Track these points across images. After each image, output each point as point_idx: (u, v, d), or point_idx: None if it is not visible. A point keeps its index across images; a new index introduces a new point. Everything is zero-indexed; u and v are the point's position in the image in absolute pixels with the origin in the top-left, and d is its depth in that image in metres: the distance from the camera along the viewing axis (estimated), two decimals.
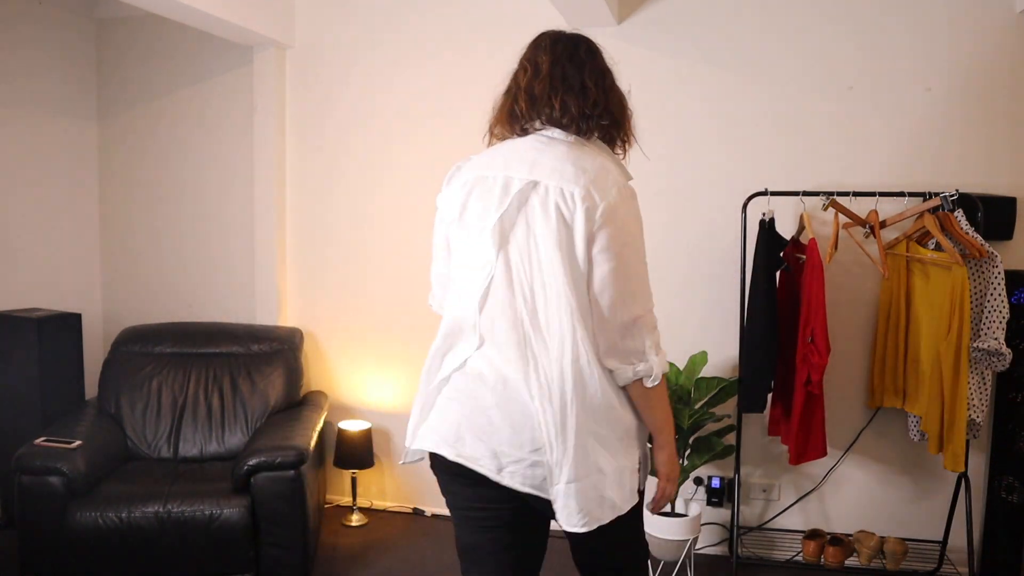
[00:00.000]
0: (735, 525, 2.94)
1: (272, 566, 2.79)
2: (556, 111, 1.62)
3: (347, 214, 3.63)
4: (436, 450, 1.64)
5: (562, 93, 1.63)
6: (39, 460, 2.70)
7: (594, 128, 1.66)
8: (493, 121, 1.75)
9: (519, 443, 1.54)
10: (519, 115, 1.67)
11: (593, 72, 1.67)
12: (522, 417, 1.55)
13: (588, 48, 1.71)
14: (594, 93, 1.65)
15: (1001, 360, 2.48)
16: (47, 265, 3.74)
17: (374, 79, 3.54)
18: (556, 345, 1.54)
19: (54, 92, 3.75)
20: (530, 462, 1.54)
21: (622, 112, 1.72)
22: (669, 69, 3.14)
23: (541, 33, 1.79)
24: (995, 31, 2.86)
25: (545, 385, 1.53)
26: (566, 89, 1.63)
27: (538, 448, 1.53)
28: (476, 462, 1.57)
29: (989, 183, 2.89)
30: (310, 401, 3.45)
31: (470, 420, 1.59)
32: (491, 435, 1.56)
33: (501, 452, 1.55)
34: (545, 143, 1.62)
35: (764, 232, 2.83)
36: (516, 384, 1.55)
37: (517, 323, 1.56)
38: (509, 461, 1.55)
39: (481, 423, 1.57)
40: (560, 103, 1.62)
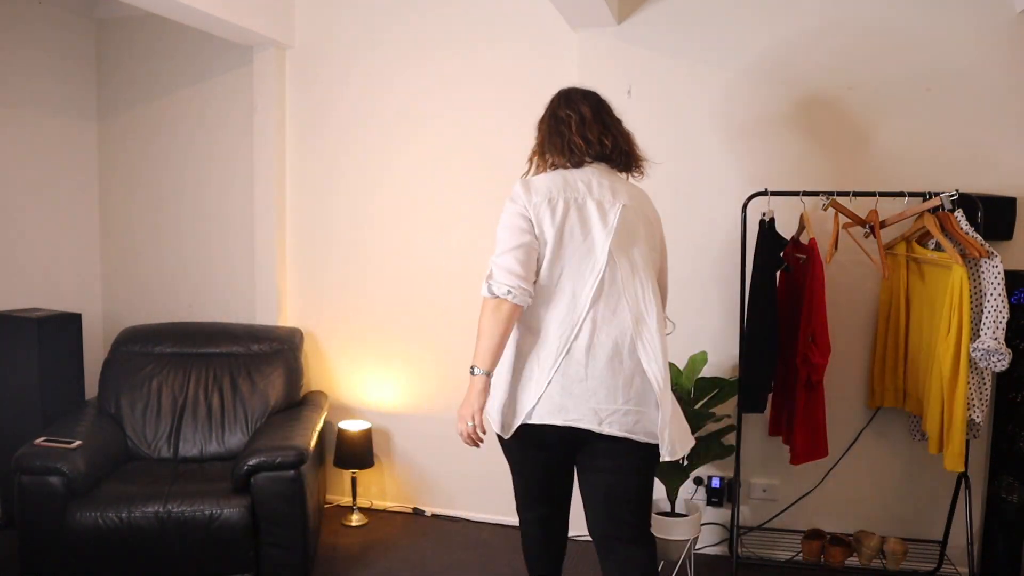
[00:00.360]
0: (735, 525, 2.94)
1: (272, 566, 2.79)
2: (607, 148, 2.18)
3: (347, 214, 3.64)
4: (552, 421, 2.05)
5: (608, 135, 2.19)
6: (39, 460, 2.70)
7: (625, 161, 2.24)
8: (547, 153, 2.21)
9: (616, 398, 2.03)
10: (576, 151, 2.16)
11: (616, 121, 2.25)
12: (624, 378, 2.04)
13: (605, 101, 2.27)
14: (623, 136, 2.24)
15: (1001, 360, 2.48)
16: (47, 265, 3.74)
17: (374, 79, 3.54)
18: (654, 321, 2.07)
19: (54, 92, 3.75)
20: (624, 411, 2.03)
21: (634, 148, 2.29)
22: (669, 69, 3.14)
23: (565, 89, 2.28)
24: (995, 31, 2.86)
25: (650, 350, 2.04)
26: (607, 132, 2.19)
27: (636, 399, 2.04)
28: (579, 422, 2.03)
29: (989, 183, 2.89)
30: (310, 401, 3.45)
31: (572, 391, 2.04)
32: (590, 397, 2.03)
33: (600, 409, 2.03)
34: (605, 173, 2.18)
35: (764, 232, 2.83)
36: (629, 352, 2.04)
37: (628, 307, 2.05)
38: (607, 414, 2.03)
39: (580, 391, 2.03)
40: (611, 142, 2.18)
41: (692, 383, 2.89)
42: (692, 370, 2.91)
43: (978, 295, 2.57)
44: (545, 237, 2.05)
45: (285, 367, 3.40)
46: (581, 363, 2.03)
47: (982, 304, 2.54)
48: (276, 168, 3.64)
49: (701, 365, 2.92)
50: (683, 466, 2.87)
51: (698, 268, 3.18)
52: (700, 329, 3.18)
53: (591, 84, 3.19)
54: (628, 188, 2.21)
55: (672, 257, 3.19)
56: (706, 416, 2.86)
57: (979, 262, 2.56)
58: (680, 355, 3.02)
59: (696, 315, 3.19)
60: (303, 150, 3.68)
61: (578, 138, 2.16)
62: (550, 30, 3.28)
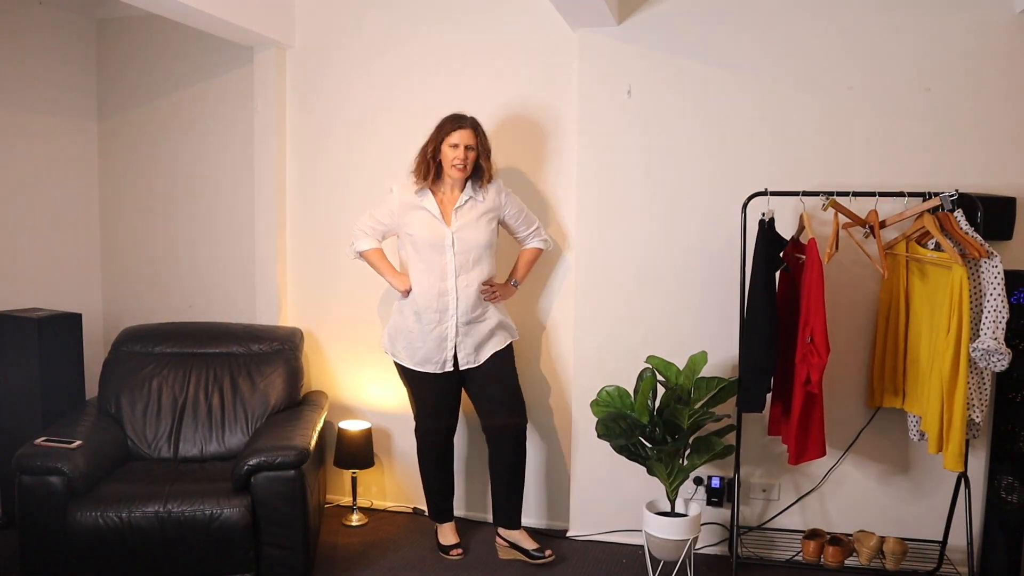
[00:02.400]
0: (735, 525, 2.94)
1: (272, 566, 2.79)
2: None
3: (347, 214, 3.63)
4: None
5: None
6: (39, 460, 2.70)
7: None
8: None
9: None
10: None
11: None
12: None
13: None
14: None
15: (1001, 360, 2.48)
16: (47, 265, 3.74)
17: (374, 79, 3.54)
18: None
19: (54, 92, 3.75)
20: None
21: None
22: (669, 69, 3.14)
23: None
24: (995, 31, 2.86)
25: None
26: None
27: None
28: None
29: (989, 183, 2.89)
30: (310, 401, 3.45)
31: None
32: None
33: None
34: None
35: (764, 232, 2.83)
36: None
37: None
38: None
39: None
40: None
41: (692, 383, 2.89)
42: (692, 370, 2.91)
43: (978, 295, 2.57)
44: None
45: (285, 367, 3.40)
46: None
47: (982, 304, 2.54)
48: (276, 168, 3.64)
49: (701, 365, 2.91)
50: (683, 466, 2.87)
51: (697, 268, 3.18)
52: (700, 329, 3.18)
53: (591, 84, 3.21)
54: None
55: (672, 257, 3.22)
56: (706, 416, 2.86)
57: (979, 262, 2.56)
58: (680, 355, 3.02)
59: (696, 315, 3.19)
60: (303, 150, 3.68)
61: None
62: (550, 30, 3.28)
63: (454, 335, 3.01)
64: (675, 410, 2.83)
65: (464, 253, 2.98)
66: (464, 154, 2.94)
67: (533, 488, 3.49)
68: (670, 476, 2.87)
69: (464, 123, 2.96)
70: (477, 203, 3.03)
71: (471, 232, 2.99)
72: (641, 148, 3.20)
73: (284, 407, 3.33)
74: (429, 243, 2.98)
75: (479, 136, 2.98)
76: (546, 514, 3.50)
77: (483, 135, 3.00)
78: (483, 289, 3.02)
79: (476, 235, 3.00)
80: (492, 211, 3.05)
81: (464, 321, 3.00)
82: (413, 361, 3.08)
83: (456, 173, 2.97)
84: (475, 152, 2.97)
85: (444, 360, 3.04)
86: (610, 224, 3.25)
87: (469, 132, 2.96)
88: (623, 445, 2.89)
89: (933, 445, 2.60)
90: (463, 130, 2.95)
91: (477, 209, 3.02)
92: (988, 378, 2.68)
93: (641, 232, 3.23)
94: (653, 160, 3.20)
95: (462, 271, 2.98)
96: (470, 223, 3.00)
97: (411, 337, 3.05)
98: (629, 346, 3.25)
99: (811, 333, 2.67)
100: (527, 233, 3.16)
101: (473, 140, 2.96)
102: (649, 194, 3.22)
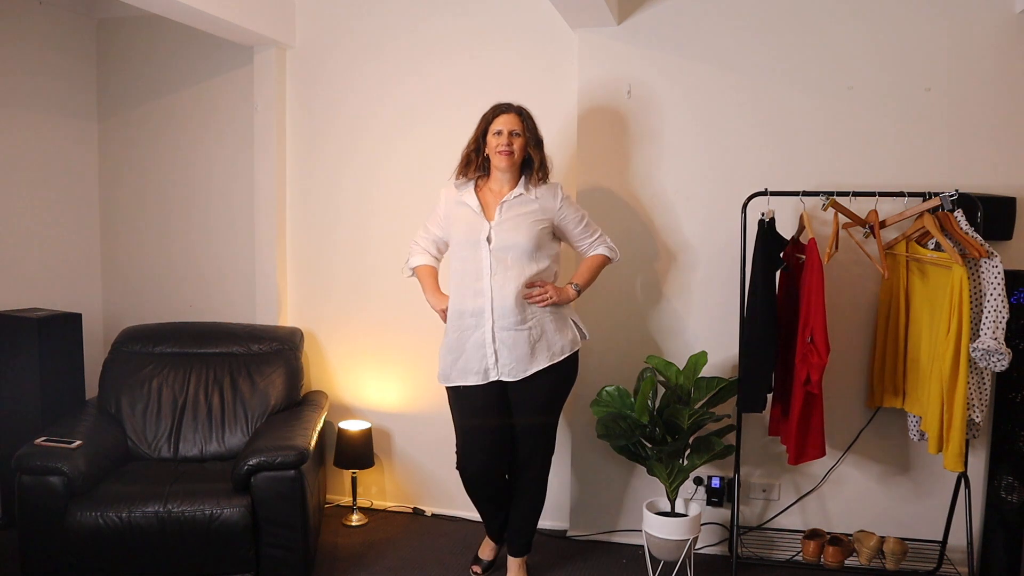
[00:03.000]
0: (735, 525, 2.94)
1: (272, 566, 2.79)
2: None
3: (347, 214, 3.64)
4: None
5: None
6: (39, 460, 2.70)
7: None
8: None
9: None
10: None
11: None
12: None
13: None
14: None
15: (1001, 360, 2.48)
16: (47, 265, 3.74)
17: (375, 79, 3.54)
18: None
19: (54, 92, 3.75)
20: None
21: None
22: (669, 69, 3.14)
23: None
24: (995, 31, 2.86)
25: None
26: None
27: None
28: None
29: (989, 183, 2.89)
30: (310, 401, 3.45)
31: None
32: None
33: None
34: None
35: (764, 232, 2.83)
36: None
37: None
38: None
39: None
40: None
41: (692, 383, 2.89)
42: (692, 370, 2.91)
43: (978, 295, 2.57)
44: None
45: (285, 367, 3.40)
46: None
47: (982, 304, 2.54)
48: (276, 168, 3.64)
49: (701, 365, 2.92)
50: (683, 466, 2.87)
51: (698, 268, 3.18)
52: (700, 329, 3.18)
53: (590, 84, 3.21)
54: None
55: (672, 257, 3.22)
56: (706, 416, 2.87)
57: (979, 262, 2.56)
58: (680, 355, 3.02)
59: (696, 315, 3.19)
60: (303, 150, 3.68)
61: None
62: (550, 30, 3.28)
63: (491, 339, 2.68)
64: (675, 410, 2.83)
65: (501, 251, 2.67)
66: (509, 139, 2.68)
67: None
68: (670, 476, 2.87)
69: (509, 108, 2.72)
70: (527, 200, 2.73)
71: (512, 230, 2.68)
72: (641, 148, 3.20)
73: (284, 407, 3.33)
74: (466, 239, 2.73)
75: (525, 122, 2.72)
76: (546, 514, 3.49)
77: (532, 123, 2.74)
78: (526, 292, 2.69)
79: (517, 235, 2.68)
80: (543, 213, 2.73)
81: (502, 326, 2.67)
82: (455, 371, 2.76)
83: (502, 161, 2.69)
84: (522, 138, 2.70)
85: (486, 369, 2.71)
86: (610, 224, 3.24)
87: (513, 116, 2.70)
88: (623, 445, 2.89)
89: (933, 445, 2.60)
90: (507, 115, 2.70)
91: (526, 207, 2.72)
92: (988, 378, 2.68)
93: (641, 231, 3.22)
94: (653, 160, 3.20)
95: (498, 270, 2.67)
96: (512, 220, 2.70)
97: (451, 346, 2.76)
98: (629, 346, 3.25)
99: (811, 333, 2.67)
100: (590, 241, 2.85)
101: (518, 125, 2.70)
102: (649, 194, 3.22)
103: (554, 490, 3.48)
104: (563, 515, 3.45)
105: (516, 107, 2.75)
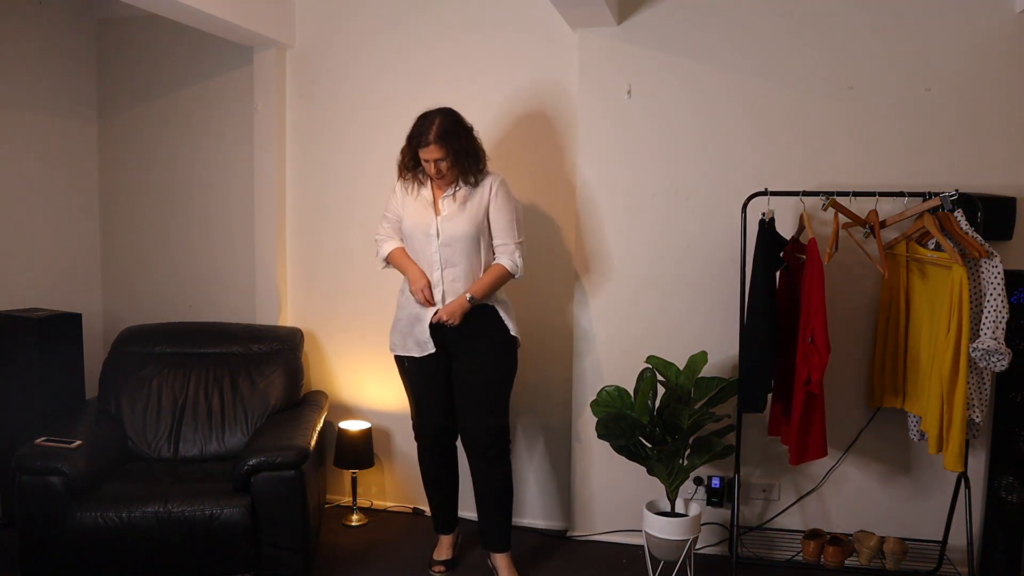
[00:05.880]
0: (735, 525, 2.94)
1: (272, 566, 2.79)
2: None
3: (348, 213, 3.64)
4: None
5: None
6: (39, 460, 2.70)
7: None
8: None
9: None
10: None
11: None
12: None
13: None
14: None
15: (1001, 360, 2.48)
16: (47, 265, 3.74)
17: (374, 79, 3.54)
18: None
19: (54, 92, 3.75)
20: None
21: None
22: (669, 69, 3.14)
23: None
24: (995, 31, 2.86)
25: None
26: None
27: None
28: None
29: (989, 183, 2.89)
30: (310, 401, 3.45)
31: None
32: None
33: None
34: None
35: (764, 232, 2.83)
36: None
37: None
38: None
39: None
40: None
41: (692, 383, 2.89)
42: (692, 370, 2.91)
43: (978, 295, 2.57)
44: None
45: (285, 367, 3.40)
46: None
47: (982, 304, 2.54)
48: (276, 168, 3.64)
49: (701, 365, 2.92)
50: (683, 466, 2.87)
51: (698, 268, 3.18)
52: (700, 329, 3.18)
53: (590, 84, 3.21)
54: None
55: (672, 257, 3.22)
56: (706, 416, 2.86)
57: (979, 262, 2.56)
58: (680, 355, 3.02)
59: (696, 315, 3.19)
60: (303, 150, 3.68)
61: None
62: (550, 30, 3.28)
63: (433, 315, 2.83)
64: (675, 410, 2.83)
65: (448, 245, 2.80)
66: (436, 167, 2.76)
67: (533, 488, 3.49)
68: (670, 476, 2.87)
69: (427, 139, 2.72)
70: (465, 191, 2.83)
71: (454, 223, 2.80)
72: (641, 148, 3.20)
73: (284, 407, 3.33)
74: (417, 231, 2.85)
75: (447, 146, 2.72)
76: (546, 514, 3.50)
77: (455, 137, 2.74)
78: (434, 317, 2.83)
79: (459, 226, 2.80)
80: (479, 202, 2.83)
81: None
82: (400, 345, 2.95)
83: (436, 181, 2.84)
84: (447, 162, 2.75)
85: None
86: (610, 224, 3.25)
87: (433, 148, 2.72)
88: (623, 445, 2.89)
89: (933, 445, 2.60)
90: (427, 147, 2.73)
91: (464, 198, 2.83)
92: (988, 378, 2.68)
93: (641, 232, 3.22)
94: (653, 160, 3.20)
95: (448, 264, 2.81)
96: (454, 213, 2.81)
97: (400, 324, 2.95)
98: (629, 346, 3.25)
99: (812, 333, 2.67)
100: (499, 244, 2.85)
101: (440, 153, 2.73)
102: (649, 194, 3.22)
103: (554, 490, 3.48)
104: (563, 515, 3.45)
105: (435, 130, 2.72)
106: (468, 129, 2.83)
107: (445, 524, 3.15)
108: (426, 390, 2.98)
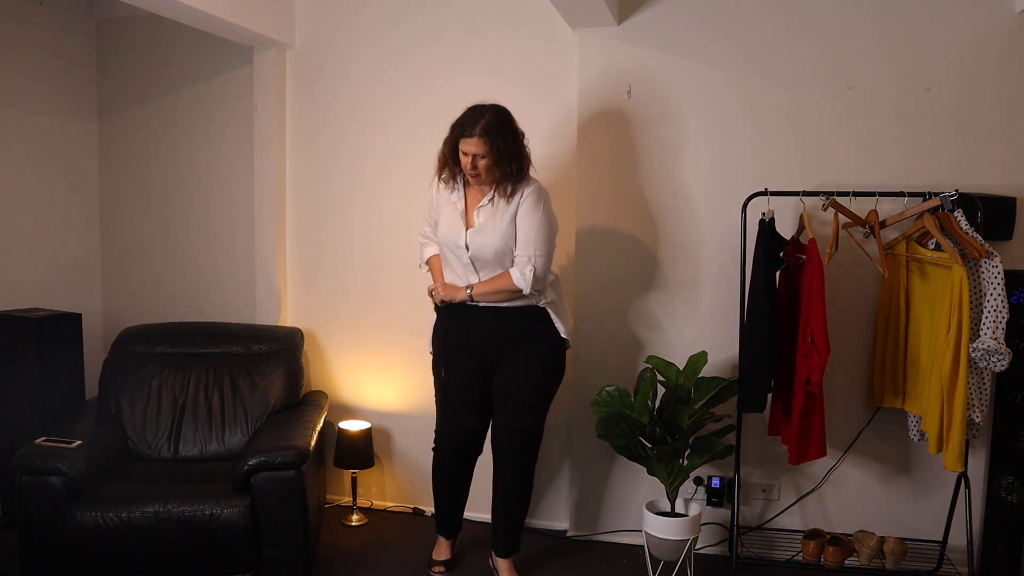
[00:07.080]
0: (735, 525, 2.94)
1: (272, 566, 2.79)
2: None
3: (348, 213, 3.64)
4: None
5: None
6: (39, 460, 2.70)
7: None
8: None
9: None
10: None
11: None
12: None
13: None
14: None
15: (1001, 360, 2.48)
16: (47, 265, 3.74)
17: (375, 79, 3.54)
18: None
19: (54, 92, 3.75)
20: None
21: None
22: (669, 69, 3.14)
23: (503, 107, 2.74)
24: (995, 31, 2.86)
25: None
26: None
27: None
28: None
29: (989, 183, 2.89)
30: (310, 401, 3.45)
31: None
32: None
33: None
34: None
35: (764, 232, 2.83)
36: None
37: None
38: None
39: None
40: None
41: (692, 383, 2.89)
42: (692, 370, 2.91)
43: (978, 295, 2.57)
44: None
45: (285, 367, 3.40)
46: None
47: (982, 304, 2.54)
48: (276, 168, 3.64)
49: (701, 365, 2.92)
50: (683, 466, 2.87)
51: (698, 268, 3.18)
52: (700, 329, 3.18)
53: (590, 84, 3.21)
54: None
55: (672, 257, 3.21)
56: (706, 416, 2.87)
57: (979, 262, 2.56)
58: (680, 355, 3.02)
59: (696, 315, 3.19)
60: (303, 150, 3.68)
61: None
62: (550, 30, 3.28)
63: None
64: (675, 410, 2.83)
65: (479, 259, 2.73)
66: (473, 162, 2.64)
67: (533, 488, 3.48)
68: (670, 476, 2.87)
69: (472, 130, 2.60)
70: (501, 204, 2.71)
71: (486, 236, 2.70)
72: (641, 148, 3.20)
73: (284, 407, 3.33)
74: (449, 242, 2.78)
75: (492, 143, 2.60)
76: (546, 514, 3.50)
77: (500, 137, 2.62)
78: (430, 287, 2.87)
79: (490, 239, 2.69)
80: (511, 214, 2.71)
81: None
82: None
83: (471, 180, 2.73)
84: (488, 160, 2.63)
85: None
86: (610, 223, 3.25)
87: (476, 141, 2.60)
88: (623, 445, 2.89)
89: (933, 445, 2.60)
90: (470, 139, 2.61)
91: (500, 211, 2.71)
92: (988, 378, 2.68)
93: (641, 232, 3.23)
94: (653, 160, 3.20)
95: (482, 269, 2.75)
96: (487, 226, 2.71)
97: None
98: (629, 346, 3.25)
99: (812, 333, 2.67)
100: (517, 256, 2.72)
101: (482, 148, 2.60)
102: (649, 194, 3.22)
103: (554, 490, 3.48)
104: (563, 515, 3.45)
105: (483, 124, 2.61)
106: (517, 132, 2.69)
107: (449, 528, 3.10)
108: (458, 390, 2.87)
